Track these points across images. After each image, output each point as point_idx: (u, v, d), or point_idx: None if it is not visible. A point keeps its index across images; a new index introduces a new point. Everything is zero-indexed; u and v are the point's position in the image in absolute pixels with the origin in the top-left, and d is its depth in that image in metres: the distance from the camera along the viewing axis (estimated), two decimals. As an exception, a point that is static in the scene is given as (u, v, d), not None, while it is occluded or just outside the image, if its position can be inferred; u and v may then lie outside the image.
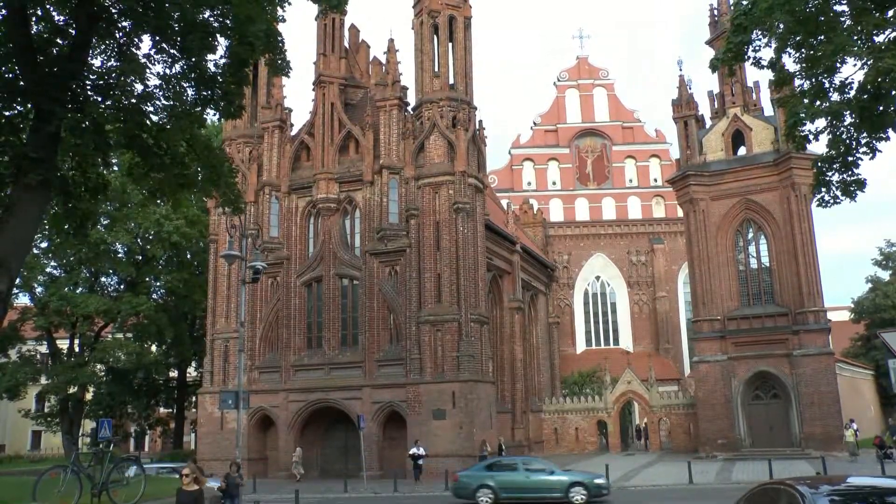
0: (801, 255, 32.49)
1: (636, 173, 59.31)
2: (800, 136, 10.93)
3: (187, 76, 10.42)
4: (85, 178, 10.53)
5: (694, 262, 35.01)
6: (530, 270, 42.23)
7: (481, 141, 31.97)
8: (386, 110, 31.51)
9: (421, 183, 30.44)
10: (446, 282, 29.34)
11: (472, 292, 29.49)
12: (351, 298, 31.19)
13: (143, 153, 10.70)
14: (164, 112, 10.66)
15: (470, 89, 31.46)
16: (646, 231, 57.61)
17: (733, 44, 10.81)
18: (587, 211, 58.26)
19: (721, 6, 37.01)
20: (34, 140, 9.53)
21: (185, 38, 9.96)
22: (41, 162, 9.35)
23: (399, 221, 30.46)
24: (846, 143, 10.54)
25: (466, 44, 31.64)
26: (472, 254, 30.03)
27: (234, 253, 17.83)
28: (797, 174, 32.88)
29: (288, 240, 32.50)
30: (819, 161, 11.00)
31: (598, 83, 60.78)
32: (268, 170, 33.25)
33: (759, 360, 32.66)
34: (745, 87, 35.64)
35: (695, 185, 35.04)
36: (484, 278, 31.21)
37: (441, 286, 29.42)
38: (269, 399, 31.23)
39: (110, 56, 10.29)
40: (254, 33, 10.31)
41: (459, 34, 31.51)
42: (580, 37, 62.63)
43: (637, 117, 60.83)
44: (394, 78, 31.63)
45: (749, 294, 34.06)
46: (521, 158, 59.67)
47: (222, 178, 11.49)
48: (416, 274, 29.82)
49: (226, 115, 11.12)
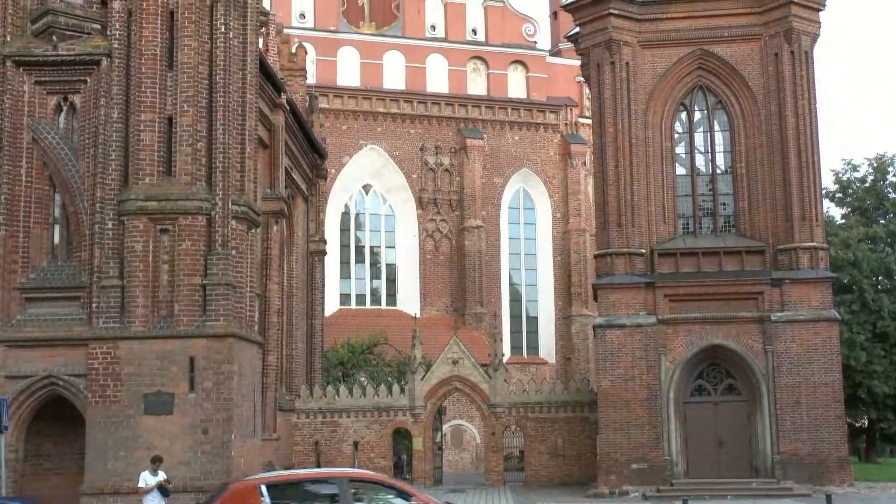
0: (794, 152, 32.66)
1: (444, 16, 58.88)
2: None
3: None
4: None
5: (605, 154, 34.15)
6: (293, 152, 38.70)
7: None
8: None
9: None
10: (185, 135, 25.14)
11: (234, 161, 25.65)
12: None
13: None
14: None
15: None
16: (455, 116, 57.49)
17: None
18: (357, 71, 57.18)
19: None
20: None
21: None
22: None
23: (87, 1, 26.08)
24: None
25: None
26: (238, 87, 26.03)
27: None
28: (796, 13, 32.96)
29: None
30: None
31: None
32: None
33: (710, 328, 32.77)
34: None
35: (616, 17, 34.00)
36: (253, 137, 27.59)
37: (175, 143, 25.12)
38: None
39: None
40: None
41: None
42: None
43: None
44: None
45: (695, 215, 34.27)
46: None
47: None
48: (121, 114, 25.11)
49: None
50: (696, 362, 32.84)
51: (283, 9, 54.33)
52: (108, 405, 24.19)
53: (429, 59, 57.59)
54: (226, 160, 25.14)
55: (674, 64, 33.93)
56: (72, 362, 24.67)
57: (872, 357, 40.25)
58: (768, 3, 33.25)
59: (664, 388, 32.43)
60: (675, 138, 34.52)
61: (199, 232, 24.77)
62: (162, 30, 25.16)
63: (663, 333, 32.65)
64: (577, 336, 55.85)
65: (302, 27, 55.10)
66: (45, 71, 25.71)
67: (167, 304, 24.71)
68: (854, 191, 46.83)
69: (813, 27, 32.85)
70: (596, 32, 34.20)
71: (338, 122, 54.64)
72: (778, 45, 33.09)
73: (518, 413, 37.90)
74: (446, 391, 39.10)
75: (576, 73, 52.75)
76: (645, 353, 32.68)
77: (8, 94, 25.42)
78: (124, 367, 24.24)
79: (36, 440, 25.41)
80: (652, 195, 33.66)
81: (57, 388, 24.65)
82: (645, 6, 33.97)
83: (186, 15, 25.10)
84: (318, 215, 45.04)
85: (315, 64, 54.07)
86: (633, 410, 32.54)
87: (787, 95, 32.85)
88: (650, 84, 33.94)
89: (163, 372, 24.28)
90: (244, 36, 26.09)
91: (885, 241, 44.54)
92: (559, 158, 58.02)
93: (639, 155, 33.60)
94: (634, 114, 33.68)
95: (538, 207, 58.02)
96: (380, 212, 56.63)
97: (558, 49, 60.60)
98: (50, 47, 25.41)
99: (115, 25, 25.20)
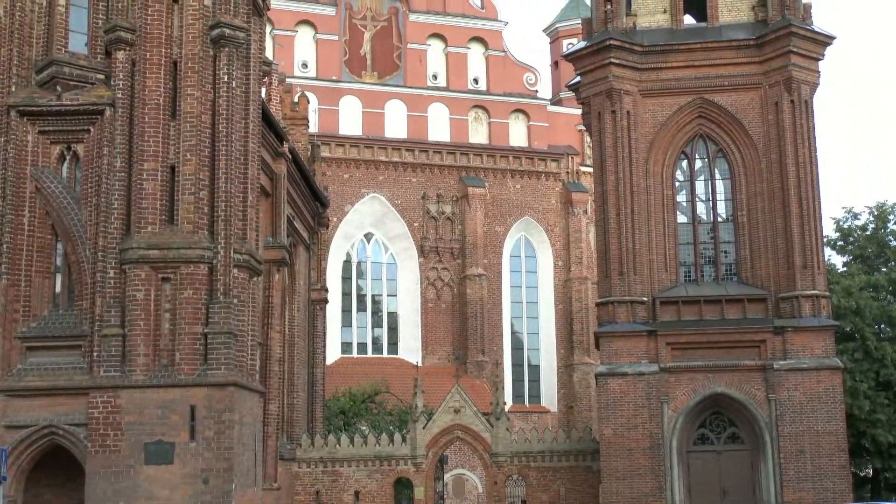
0: (795, 200, 32.60)
1: (445, 65, 59.69)
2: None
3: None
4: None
5: (606, 202, 34.00)
6: (295, 200, 38.86)
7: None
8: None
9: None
10: (187, 183, 25.24)
11: (237, 209, 25.71)
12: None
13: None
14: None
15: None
16: (456, 164, 57.98)
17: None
18: (359, 120, 57.88)
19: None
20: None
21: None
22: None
23: (91, 52, 26.12)
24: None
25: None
26: (241, 136, 26.21)
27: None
28: (796, 63, 32.98)
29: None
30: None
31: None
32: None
33: (713, 376, 32.46)
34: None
35: (617, 66, 33.98)
36: (255, 186, 27.61)
37: (177, 192, 25.23)
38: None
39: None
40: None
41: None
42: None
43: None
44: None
45: (697, 263, 34.05)
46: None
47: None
48: (123, 163, 25.21)
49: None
50: (699, 411, 32.64)
51: (286, 58, 55.07)
52: (109, 454, 24.05)
53: (430, 108, 58.28)
54: (228, 209, 25.16)
55: (674, 112, 33.92)
56: (72, 412, 24.51)
57: (876, 406, 39.91)
58: (768, 52, 33.30)
59: (667, 436, 32.20)
60: (676, 186, 34.47)
61: (201, 280, 24.77)
62: (165, 79, 25.33)
63: (666, 382, 32.48)
64: (579, 384, 55.92)
65: (304, 76, 55.76)
66: (49, 120, 25.73)
67: (168, 352, 24.62)
68: (855, 239, 46.69)
69: (812, 76, 32.92)
70: (597, 81, 34.23)
71: (340, 171, 55.09)
72: (778, 94, 33.09)
73: (520, 462, 37.29)
74: (448, 440, 38.49)
75: (577, 122, 53.11)
76: (647, 402, 32.48)
77: (12, 144, 25.38)
78: (125, 417, 24.14)
79: (35, 490, 25.20)
80: (653, 243, 33.53)
81: (57, 437, 24.44)
82: (645, 55, 34.03)
83: (189, 65, 25.29)
84: (320, 264, 45.01)
85: (317, 113, 54.68)
86: (635, 459, 32.25)
87: (787, 144, 32.83)
88: (651, 132, 33.92)
89: (163, 421, 24.14)
90: (247, 85, 26.29)
91: (886, 289, 44.35)
92: (560, 207, 58.42)
93: (640, 203, 33.52)
94: (635, 162, 33.64)
95: (540, 255, 58.34)
96: (381, 260, 56.83)
97: (559, 98, 61.26)
98: (54, 97, 25.49)
99: (118, 75, 25.33)
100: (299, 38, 57.20)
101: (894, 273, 44.12)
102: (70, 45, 25.91)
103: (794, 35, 32.46)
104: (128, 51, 25.32)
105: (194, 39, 25.42)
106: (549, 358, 57.46)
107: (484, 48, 59.51)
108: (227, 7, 25.62)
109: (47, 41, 25.90)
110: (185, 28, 25.48)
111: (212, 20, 25.38)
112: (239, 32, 25.59)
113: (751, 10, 34.23)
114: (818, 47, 33.19)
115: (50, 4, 25.94)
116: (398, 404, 46.08)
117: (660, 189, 33.89)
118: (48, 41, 25.89)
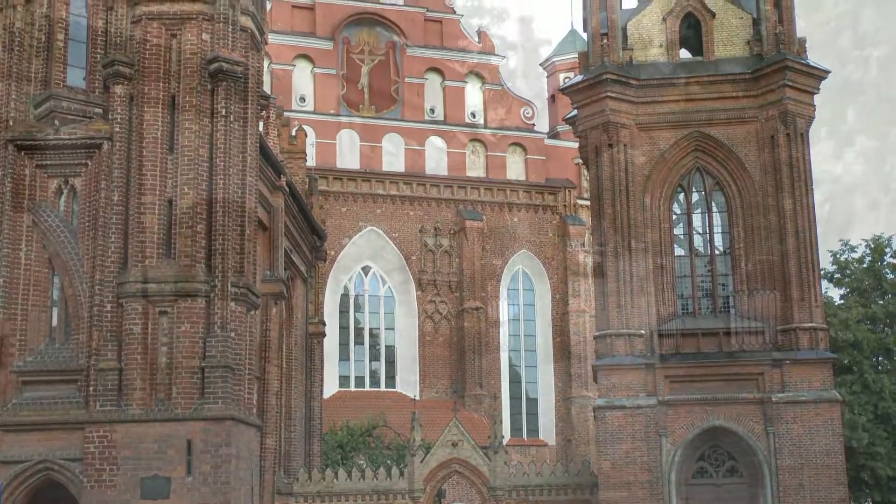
0: (792, 233, 32.52)
1: (443, 99, 59.50)
2: None
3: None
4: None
5: (604, 238, 33.93)
6: (293, 233, 38.71)
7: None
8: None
9: (141, 12, 25.61)
10: (185, 217, 25.13)
11: (234, 243, 25.54)
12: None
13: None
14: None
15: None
16: (454, 198, 57.74)
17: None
18: (356, 153, 57.59)
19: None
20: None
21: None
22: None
23: (90, 86, 26.08)
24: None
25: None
26: (239, 169, 26.05)
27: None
28: (792, 97, 33.02)
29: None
30: None
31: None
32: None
33: (711, 409, 32.24)
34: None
35: (613, 100, 33.96)
36: (253, 219, 27.44)
37: (174, 225, 25.10)
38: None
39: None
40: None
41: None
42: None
43: (451, 5, 61.36)
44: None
45: (694, 296, 33.97)
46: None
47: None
48: (121, 197, 25.05)
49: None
50: (698, 444, 32.43)
51: (284, 92, 54.94)
52: (104, 490, 23.76)
53: (428, 142, 58.02)
54: (225, 242, 25.08)
55: (671, 146, 33.90)
56: (68, 446, 24.27)
57: (875, 438, 39.78)
58: (764, 86, 33.30)
59: (665, 470, 31.97)
60: (673, 219, 34.46)
61: (198, 314, 24.60)
62: (163, 113, 25.25)
63: (664, 415, 32.30)
64: (577, 417, 55.47)
65: (302, 110, 55.55)
66: (47, 154, 25.65)
67: (165, 386, 24.42)
68: (852, 272, 46.79)
69: (808, 110, 32.94)
70: (594, 115, 34.20)
71: (337, 204, 54.90)
72: (774, 127, 33.08)
73: (518, 496, 36.65)
74: (446, 474, 37.88)
75: (574, 155, 52.72)
76: (646, 435, 32.26)
77: (9, 178, 25.30)
78: (121, 451, 23.87)
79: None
80: (651, 276, 33.51)
81: (52, 472, 24.19)
82: (642, 89, 34.03)
83: (187, 99, 25.22)
84: (317, 297, 44.84)
85: (315, 146, 54.26)
86: (634, 493, 32.04)
87: (783, 177, 32.78)
88: (648, 166, 33.88)
89: (160, 455, 23.90)
90: (245, 119, 26.21)
91: (883, 321, 44.32)
92: (558, 240, 58.13)
93: (637, 236, 33.43)
94: (632, 195, 33.56)
95: (537, 288, 58.02)
96: (379, 293, 56.46)
97: (556, 131, 61.18)
98: (52, 131, 25.43)
99: (116, 109, 25.24)
100: (297, 72, 57.22)
101: (891, 305, 44.13)
102: (68, 80, 25.90)
103: (789, 69, 32.48)
104: (126, 85, 25.30)
105: (192, 74, 25.33)
106: (547, 391, 57.04)
107: (481, 82, 59.52)
108: (225, 41, 25.58)
109: (46, 75, 25.89)
110: (183, 62, 25.43)
111: (210, 54, 25.30)
112: (237, 67, 25.54)
113: (746, 44, 34.30)
114: (813, 81, 33.22)
115: (48, 39, 25.94)
116: (396, 438, 45.74)
117: (657, 222, 33.79)
118: (46, 75, 25.87)
